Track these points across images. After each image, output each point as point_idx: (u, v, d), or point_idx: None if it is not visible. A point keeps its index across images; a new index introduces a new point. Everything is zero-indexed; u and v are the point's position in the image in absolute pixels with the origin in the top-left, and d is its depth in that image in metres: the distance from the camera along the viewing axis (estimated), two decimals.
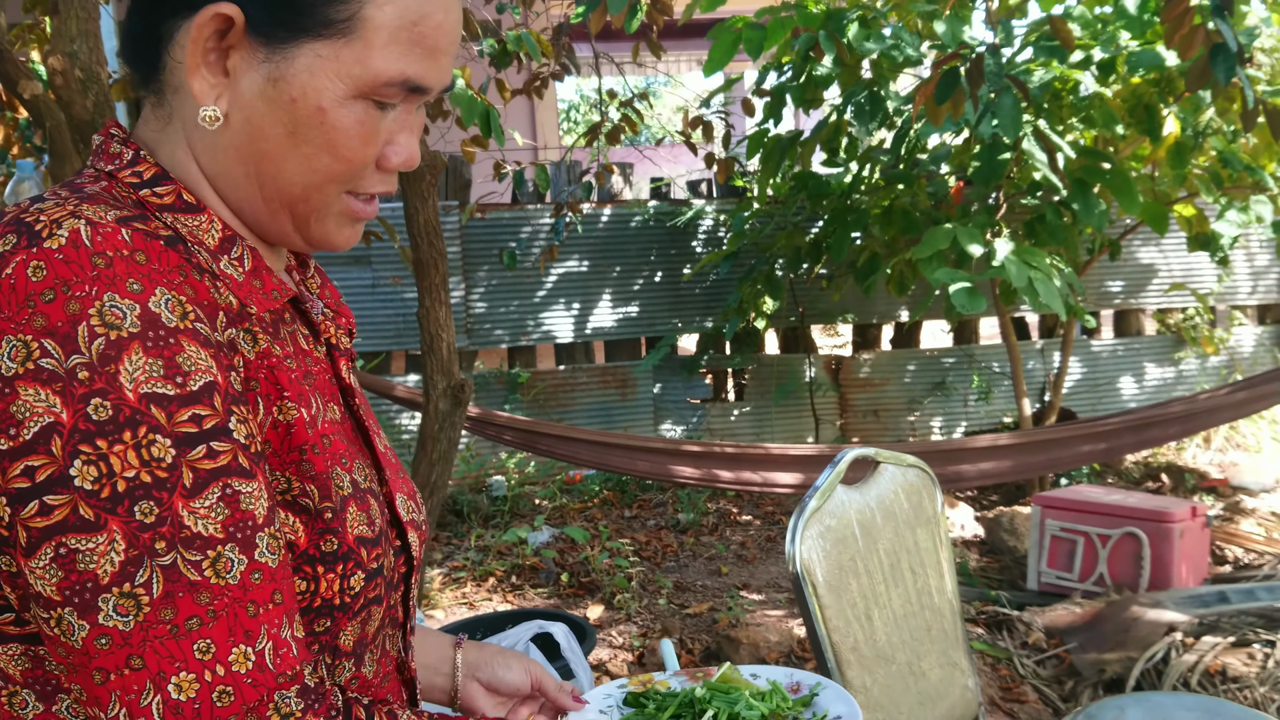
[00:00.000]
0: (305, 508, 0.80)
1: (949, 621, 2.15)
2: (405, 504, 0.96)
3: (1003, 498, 6.01)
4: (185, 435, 0.72)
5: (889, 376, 6.98)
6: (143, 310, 0.72)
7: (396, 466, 0.99)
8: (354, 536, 0.83)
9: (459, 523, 6.35)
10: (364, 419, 0.95)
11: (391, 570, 0.90)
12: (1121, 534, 3.96)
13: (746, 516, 6.55)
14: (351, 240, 0.91)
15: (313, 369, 0.90)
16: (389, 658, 0.93)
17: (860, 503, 2.05)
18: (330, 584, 0.81)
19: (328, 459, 0.83)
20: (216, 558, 0.72)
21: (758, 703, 1.24)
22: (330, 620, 0.82)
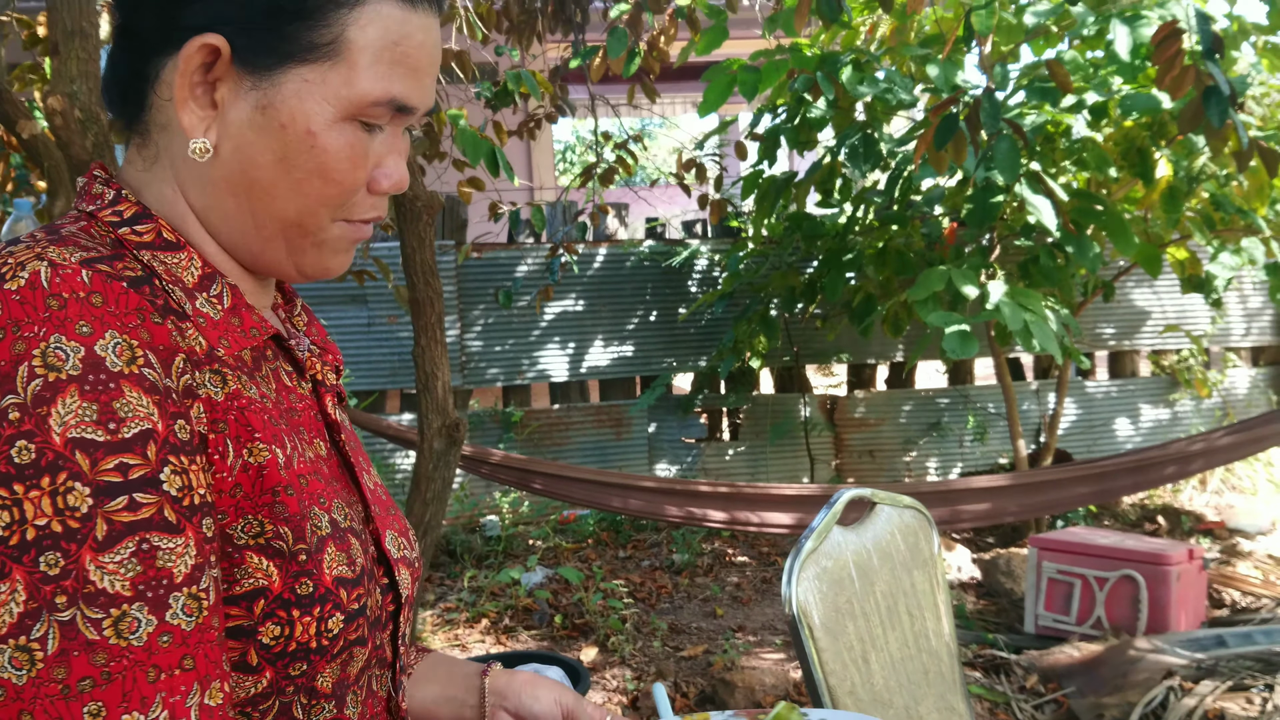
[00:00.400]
0: (279, 550, 0.79)
1: (946, 665, 2.13)
2: (395, 540, 0.95)
3: (999, 540, 5.99)
4: (107, 485, 0.70)
5: (884, 416, 6.98)
6: (87, 353, 0.71)
7: (387, 503, 0.98)
8: (332, 578, 0.81)
9: (452, 563, 6.31)
10: (350, 455, 0.94)
11: (378, 609, 0.88)
12: (1119, 577, 3.93)
13: (742, 557, 6.51)
14: (345, 265, 0.90)
15: (296, 405, 0.90)
16: (376, 698, 0.91)
17: (857, 544, 2.03)
18: (306, 627, 0.79)
19: (304, 499, 0.82)
20: (120, 617, 0.69)
21: None
22: (306, 664, 0.80)
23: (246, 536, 0.78)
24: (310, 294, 6.20)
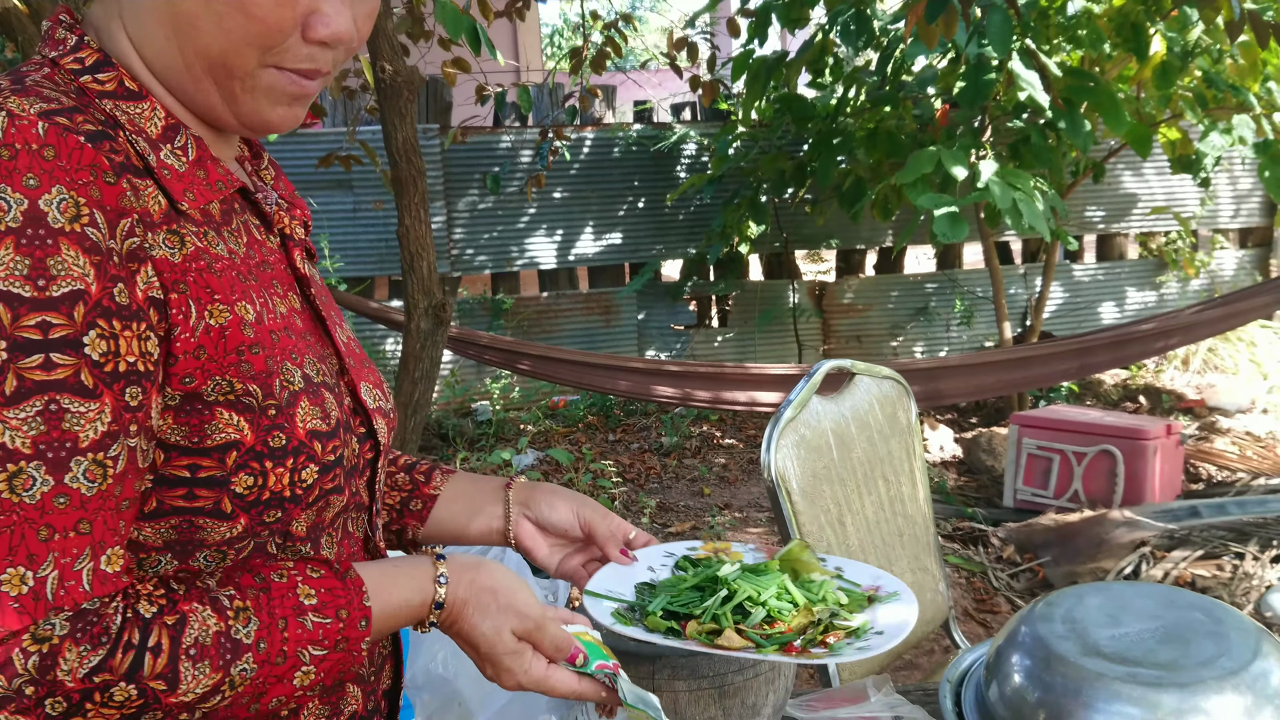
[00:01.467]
0: (249, 406, 0.80)
1: (921, 528, 2.20)
2: (370, 391, 0.97)
3: (982, 420, 6.08)
4: (24, 341, 0.69)
5: (872, 302, 7.00)
6: (30, 206, 0.70)
7: (360, 356, 1.00)
8: (305, 431, 0.83)
9: (444, 446, 6.40)
10: (321, 309, 0.95)
11: (354, 457, 0.90)
12: (1097, 451, 4.02)
13: (729, 440, 6.61)
14: (288, 120, 0.86)
15: (268, 258, 0.90)
16: (352, 539, 0.95)
17: (835, 413, 2.07)
18: (279, 478, 0.81)
19: (274, 355, 0.83)
20: (16, 473, 0.69)
21: (795, 590, 1.17)
22: (281, 511, 0.83)
23: (216, 395, 0.78)
24: (295, 178, 6.13)
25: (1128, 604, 1.22)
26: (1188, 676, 1.08)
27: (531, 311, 6.89)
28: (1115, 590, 1.26)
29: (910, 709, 1.25)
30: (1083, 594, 1.25)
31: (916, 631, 2.17)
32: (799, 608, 1.15)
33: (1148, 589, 1.25)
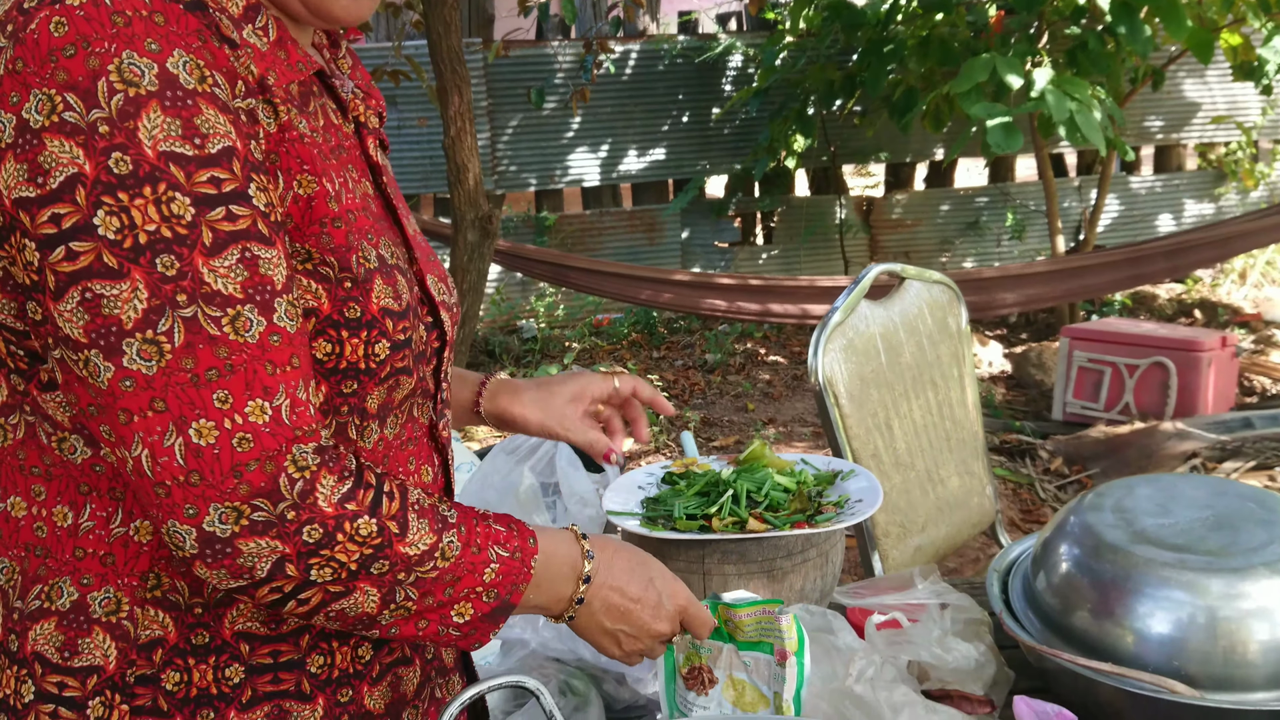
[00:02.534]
0: (326, 276, 0.82)
1: (969, 433, 2.19)
2: (436, 285, 0.98)
3: (1032, 335, 6.02)
4: (204, 196, 0.73)
5: (921, 217, 6.90)
6: (160, 70, 0.72)
7: (427, 250, 1.01)
8: (378, 307, 0.84)
9: (491, 363, 6.46)
10: (393, 199, 0.96)
11: (423, 344, 0.92)
12: (1149, 364, 3.97)
13: (774, 356, 6.61)
14: (352, 12, 0.88)
15: (344, 143, 0.91)
16: (417, 424, 0.96)
17: (884, 318, 2.06)
18: (355, 349, 0.83)
19: (352, 233, 0.84)
20: (236, 316, 0.74)
21: (783, 478, 1.28)
22: (357, 383, 0.85)
23: (295, 262, 0.81)
24: None
25: (1178, 494, 1.22)
26: (1238, 562, 1.08)
27: (575, 229, 6.87)
28: (1166, 481, 1.26)
29: (957, 596, 1.26)
30: (1133, 485, 1.26)
31: (963, 534, 2.19)
32: (792, 494, 1.29)
33: (1199, 480, 1.25)
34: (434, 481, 0.99)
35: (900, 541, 2.01)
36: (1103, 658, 1.09)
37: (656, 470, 1.41)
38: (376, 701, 0.92)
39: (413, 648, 0.96)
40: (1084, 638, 1.13)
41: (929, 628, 1.18)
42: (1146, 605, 1.09)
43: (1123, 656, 1.09)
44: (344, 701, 0.90)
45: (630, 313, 6.84)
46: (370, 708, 0.91)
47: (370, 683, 0.91)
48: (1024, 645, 1.17)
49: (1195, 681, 1.05)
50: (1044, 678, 1.18)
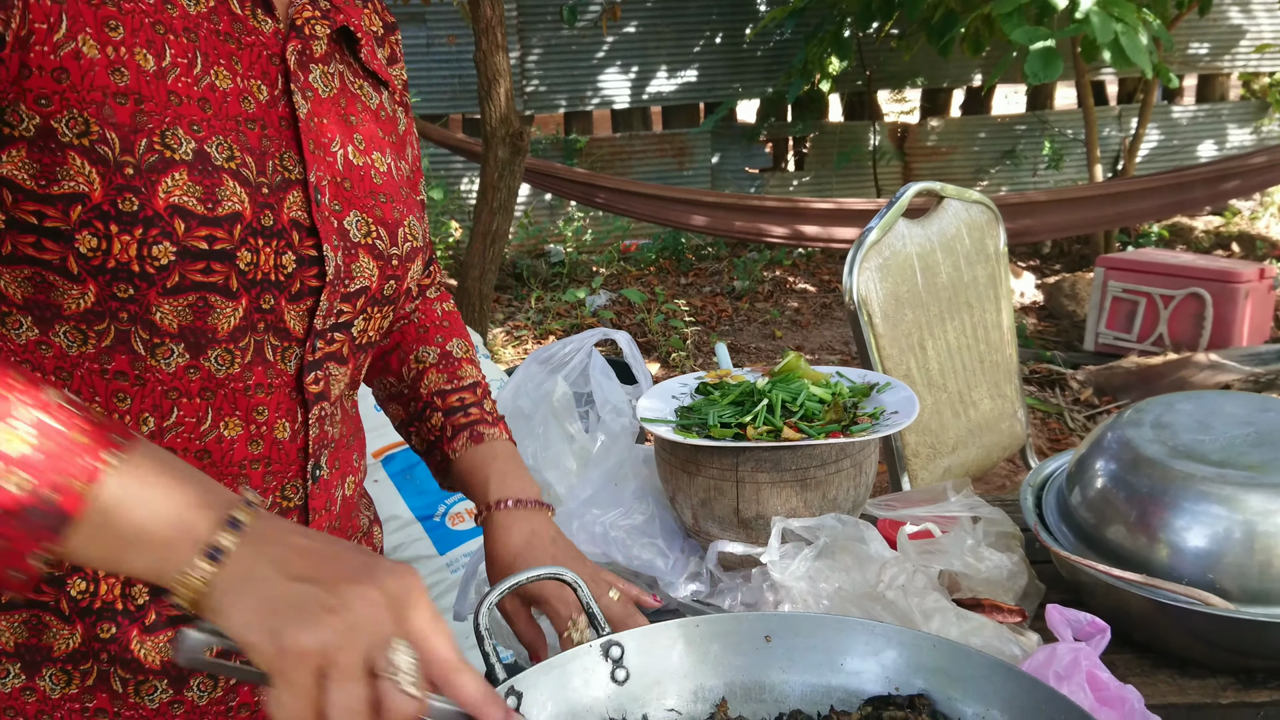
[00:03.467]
0: (103, 158, 0.73)
1: (1002, 356, 2.18)
2: (362, 223, 0.87)
3: (1065, 266, 5.94)
4: None
5: (957, 144, 6.78)
6: None
7: (372, 187, 0.90)
8: (166, 204, 0.74)
9: (519, 286, 6.46)
10: (305, 116, 0.85)
11: (275, 271, 0.80)
12: (1185, 294, 3.91)
13: (803, 284, 6.57)
14: None
15: (240, 36, 0.82)
16: (272, 369, 0.84)
17: (921, 236, 2.04)
18: (126, 246, 0.73)
19: (159, 114, 0.75)
20: None
21: (818, 389, 1.28)
22: (133, 288, 0.75)
23: (71, 134, 0.72)
24: None
25: (1219, 410, 1.21)
26: (1278, 478, 1.07)
27: (604, 152, 6.81)
28: (1207, 398, 1.25)
29: (989, 510, 1.26)
30: (1173, 401, 1.25)
31: (992, 457, 2.19)
32: (827, 404, 1.27)
33: (1241, 397, 1.24)
34: (290, 439, 0.86)
35: (929, 462, 2.01)
36: (1136, 571, 1.09)
37: (690, 380, 1.41)
38: (150, 653, 0.81)
39: None
40: (1118, 551, 1.13)
41: (961, 538, 1.18)
42: (1183, 519, 1.09)
43: (1157, 570, 1.09)
44: (104, 638, 0.80)
45: (658, 239, 6.80)
46: (140, 656, 0.81)
47: (144, 629, 0.81)
48: (1057, 557, 1.17)
49: (1229, 595, 1.05)
50: (1076, 591, 1.18)
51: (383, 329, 0.93)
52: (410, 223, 0.93)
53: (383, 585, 0.60)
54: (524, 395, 1.48)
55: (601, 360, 1.51)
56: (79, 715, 0.81)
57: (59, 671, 0.80)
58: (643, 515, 1.35)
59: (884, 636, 0.88)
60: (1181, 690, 1.07)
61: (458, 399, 1.09)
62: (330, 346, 0.87)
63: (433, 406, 1.09)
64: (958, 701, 0.82)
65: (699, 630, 0.91)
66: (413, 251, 0.93)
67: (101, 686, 0.81)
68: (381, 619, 0.59)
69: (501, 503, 1.03)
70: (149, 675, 0.82)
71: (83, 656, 0.80)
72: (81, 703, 0.81)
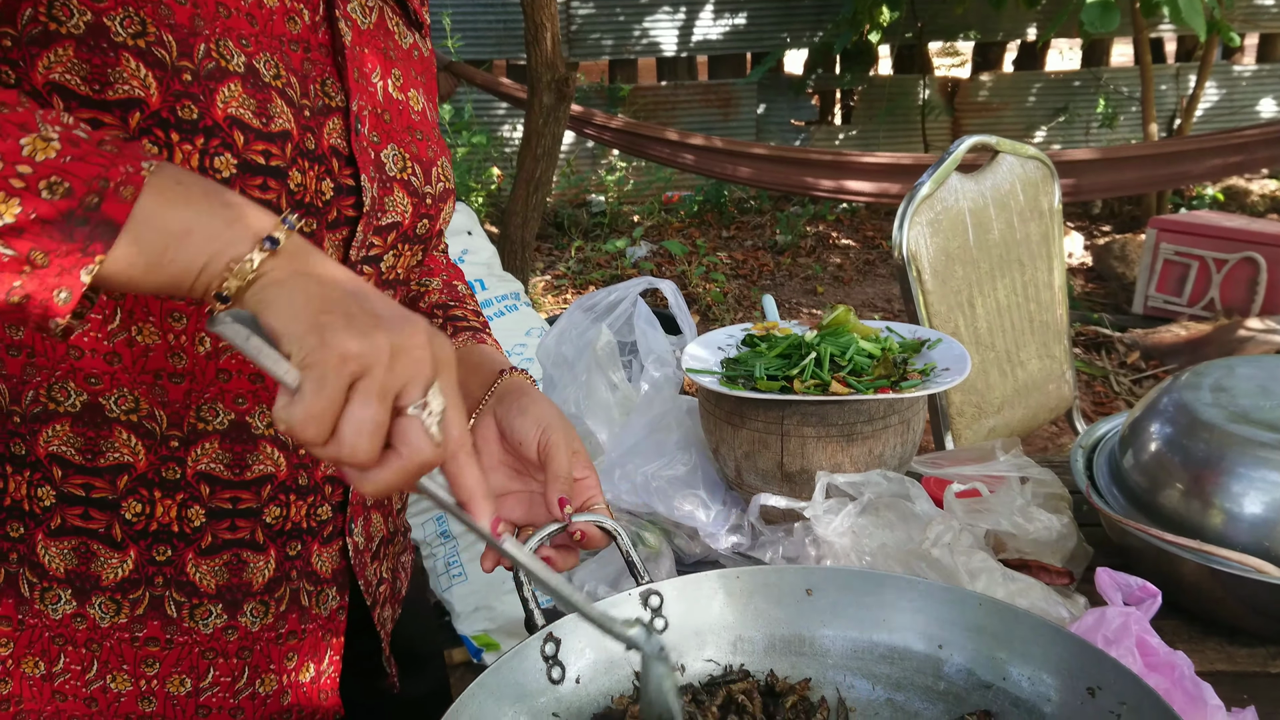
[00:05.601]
0: (160, 61, 0.70)
1: (1052, 316, 2.14)
2: (398, 158, 0.86)
3: (1116, 227, 5.82)
4: None
5: (1009, 100, 6.64)
6: None
7: (410, 123, 0.88)
8: (225, 114, 0.72)
9: (560, 235, 6.44)
10: (351, 45, 0.83)
11: (317, 197, 0.79)
12: (1239, 259, 3.82)
13: (845, 240, 6.49)
14: None
15: None
16: None
17: (974, 191, 1.99)
18: (188, 157, 0.70)
19: (203, 17, 0.72)
20: None
21: (868, 343, 1.26)
22: None
23: (125, 33, 0.69)
24: None
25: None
26: None
27: (648, 101, 6.74)
28: (1268, 362, 1.21)
29: (1039, 470, 1.24)
30: (1233, 365, 1.21)
31: (1039, 418, 2.16)
32: (876, 359, 1.25)
33: None
34: None
35: (974, 422, 1.98)
36: (1189, 537, 1.07)
37: (736, 332, 1.39)
38: (205, 577, 0.82)
39: (267, 535, 0.84)
40: (1171, 516, 1.11)
41: (1010, 497, 1.16)
42: (1240, 485, 1.06)
43: (1210, 536, 1.07)
44: (160, 560, 0.80)
45: (700, 190, 6.74)
46: (195, 580, 0.82)
47: (199, 553, 0.81)
48: (1107, 520, 1.15)
49: None
50: (1125, 555, 1.16)
51: (411, 267, 0.91)
52: (443, 163, 0.93)
53: (430, 335, 0.59)
54: (567, 342, 1.47)
55: (646, 309, 1.49)
56: (128, 645, 0.81)
57: (108, 600, 0.80)
58: (685, 466, 1.34)
59: (929, 594, 0.86)
60: (1230, 658, 1.05)
61: (460, 313, 1.05)
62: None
63: (433, 315, 1.05)
64: (1005, 663, 0.81)
65: (739, 582, 0.90)
66: (445, 193, 0.92)
67: (153, 614, 0.81)
68: (425, 357, 0.58)
69: (519, 371, 0.96)
70: (204, 599, 0.82)
71: (133, 584, 0.81)
72: (131, 632, 0.81)
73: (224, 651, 0.84)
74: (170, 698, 0.83)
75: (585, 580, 1.17)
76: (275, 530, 0.84)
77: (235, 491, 0.81)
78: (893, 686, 0.84)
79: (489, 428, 0.89)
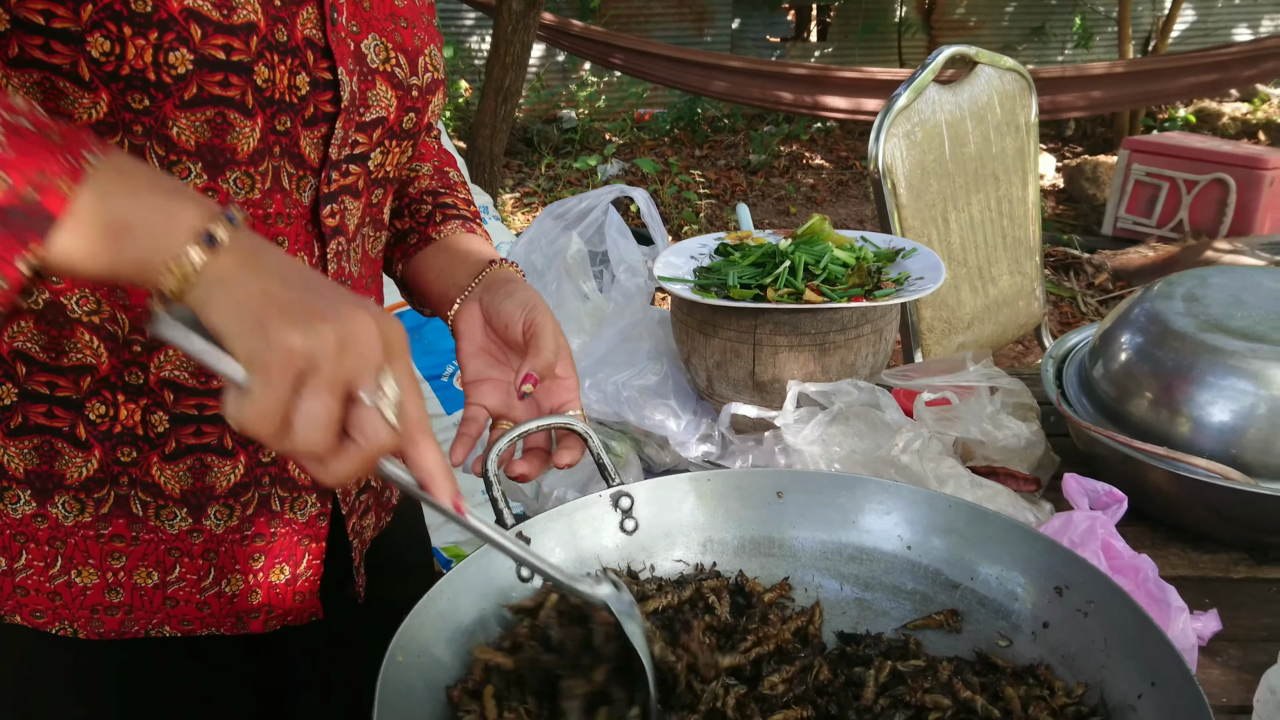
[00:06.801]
0: None
1: (1025, 232, 2.13)
2: (380, 48, 0.82)
3: (1088, 149, 5.81)
4: None
5: (985, 18, 6.56)
6: None
7: (393, 10, 0.85)
8: (180, 6, 0.69)
9: (529, 151, 6.34)
10: None
11: (288, 92, 0.76)
12: (1209, 180, 3.82)
13: (819, 160, 6.45)
14: None
15: None
16: (289, 197, 0.79)
17: (952, 104, 1.97)
18: (141, 51, 0.68)
19: None
20: None
21: (842, 252, 1.25)
22: (149, 99, 0.70)
23: None
24: None
25: (1254, 285, 1.17)
26: None
27: (620, 12, 6.60)
28: (1241, 273, 1.21)
29: (1008, 380, 1.24)
30: (1207, 275, 1.21)
31: (1008, 334, 2.17)
32: (851, 268, 1.24)
33: (1277, 272, 1.20)
34: None
35: (944, 338, 1.98)
36: (1156, 444, 1.07)
37: (710, 241, 1.37)
38: (170, 481, 0.81)
39: (237, 441, 0.82)
40: (1139, 425, 1.12)
41: (980, 405, 1.16)
42: (1209, 393, 1.07)
43: (1177, 444, 1.07)
44: (125, 461, 0.79)
45: (673, 108, 6.64)
46: (160, 483, 0.80)
47: (163, 458, 0.80)
48: (1075, 428, 1.16)
49: (1250, 470, 1.04)
50: (1092, 464, 1.17)
51: (401, 164, 0.88)
52: (431, 51, 0.88)
53: (378, 320, 0.57)
54: (537, 250, 1.45)
55: (618, 218, 1.47)
56: (93, 542, 0.80)
57: (72, 499, 0.79)
58: (656, 376, 1.33)
59: (899, 496, 0.86)
60: (1194, 564, 1.06)
61: (450, 200, 1.02)
62: (345, 179, 0.83)
63: (422, 201, 1.01)
64: (973, 563, 0.81)
65: (710, 485, 0.90)
66: (433, 83, 0.88)
67: (118, 512, 0.80)
68: (374, 345, 0.57)
69: (509, 263, 0.94)
70: (169, 501, 0.81)
71: (98, 483, 0.79)
72: (97, 530, 0.80)
73: (189, 552, 0.82)
74: (137, 588, 0.82)
75: (556, 485, 1.17)
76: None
77: (201, 399, 0.79)
78: (861, 586, 0.84)
79: (474, 313, 0.88)
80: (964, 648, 0.78)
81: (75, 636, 0.82)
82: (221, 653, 0.88)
